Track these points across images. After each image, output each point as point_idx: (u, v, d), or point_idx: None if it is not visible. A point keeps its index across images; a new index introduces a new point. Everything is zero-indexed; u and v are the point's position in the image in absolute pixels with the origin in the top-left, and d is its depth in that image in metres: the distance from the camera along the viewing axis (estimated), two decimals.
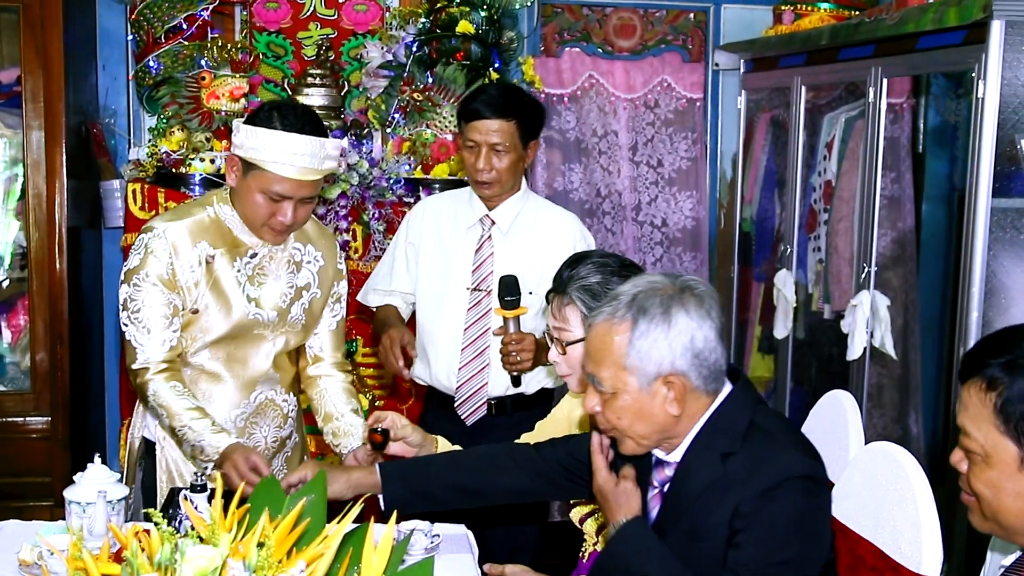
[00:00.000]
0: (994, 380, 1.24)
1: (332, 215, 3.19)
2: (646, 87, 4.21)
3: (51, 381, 2.99)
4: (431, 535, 1.93)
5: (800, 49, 3.34)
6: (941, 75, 2.98)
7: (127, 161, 3.36)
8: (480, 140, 2.44)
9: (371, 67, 3.41)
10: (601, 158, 4.21)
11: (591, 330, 1.64)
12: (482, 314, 2.52)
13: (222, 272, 2.15)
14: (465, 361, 2.52)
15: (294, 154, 2.04)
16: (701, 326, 1.57)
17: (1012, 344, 1.24)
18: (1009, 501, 1.24)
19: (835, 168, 3.25)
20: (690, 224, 4.26)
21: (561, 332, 1.95)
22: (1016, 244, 2.44)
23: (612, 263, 1.95)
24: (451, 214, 2.60)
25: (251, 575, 1.31)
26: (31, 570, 1.75)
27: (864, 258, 2.97)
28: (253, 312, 2.19)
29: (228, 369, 2.21)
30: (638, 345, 1.56)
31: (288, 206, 2.09)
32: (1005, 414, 1.22)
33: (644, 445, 1.63)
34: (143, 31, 3.24)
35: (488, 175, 2.46)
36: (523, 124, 2.46)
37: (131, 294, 2.11)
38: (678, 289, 1.60)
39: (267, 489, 1.61)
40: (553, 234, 2.54)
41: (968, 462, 1.28)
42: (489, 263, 2.52)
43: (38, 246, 3.00)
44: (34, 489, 2.91)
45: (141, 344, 2.10)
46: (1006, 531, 1.28)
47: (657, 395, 1.58)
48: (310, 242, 2.29)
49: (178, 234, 2.12)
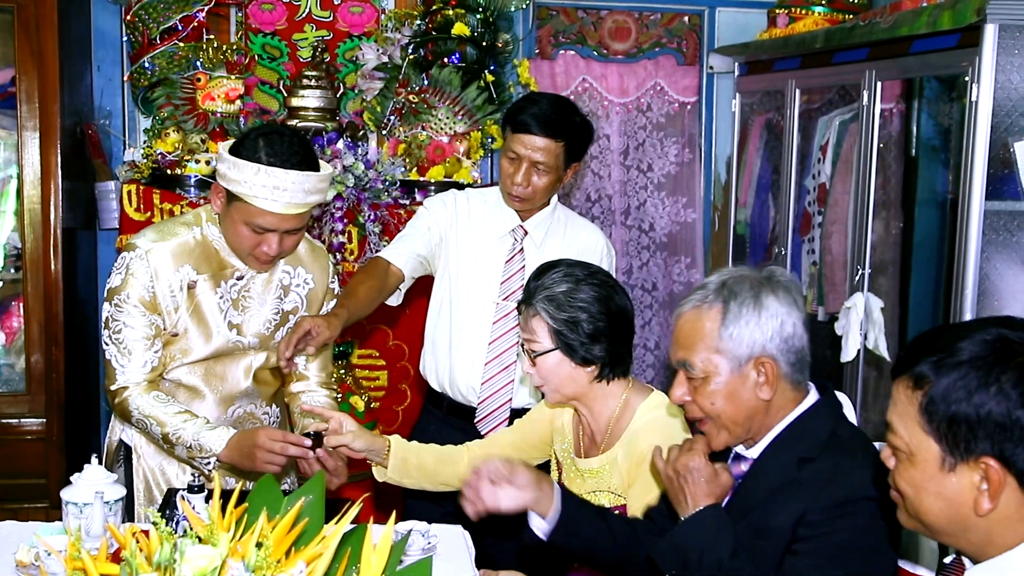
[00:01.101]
0: (921, 378, 1.22)
1: (328, 217, 3.20)
2: (639, 91, 4.23)
3: (46, 383, 2.98)
4: (428, 535, 1.93)
5: (794, 52, 3.36)
6: (934, 79, 3.00)
7: (122, 162, 3.36)
8: (523, 154, 2.35)
9: (366, 69, 3.42)
10: (592, 162, 4.24)
11: (679, 319, 1.67)
12: (509, 328, 2.42)
13: (204, 298, 2.11)
14: (489, 376, 2.44)
15: (279, 189, 1.97)
16: (790, 312, 1.61)
17: (943, 343, 1.22)
18: (930, 501, 1.22)
19: (829, 171, 3.27)
20: (678, 228, 4.29)
21: (530, 343, 1.95)
22: (1008, 247, 2.45)
23: (579, 272, 1.95)
24: (482, 217, 2.49)
25: (250, 575, 1.31)
26: (28, 571, 1.75)
27: (858, 260, 2.99)
28: (233, 339, 2.16)
29: (206, 384, 2.19)
30: (730, 328, 1.60)
31: (273, 238, 2.04)
32: (928, 413, 1.20)
33: (735, 434, 1.65)
34: (138, 32, 3.24)
35: (524, 191, 2.37)
36: (570, 146, 2.37)
37: (113, 314, 2.09)
38: (765, 277, 1.64)
39: (265, 489, 1.61)
40: (582, 247, 2.49)
41: (895, 459, 1.27)
42: (520, 276, 2.42)
43: (33, 247, 3.00)
44: (29, 491, 2.90)
45: (121, 366, 2.09)
46: (929, 530, 1.27)
47: (748, 378, 1.61)
48: (301, 264, 2.23)
49: (161, 256, 2.08)
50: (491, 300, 2.43)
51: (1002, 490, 1.16)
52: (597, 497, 1.98)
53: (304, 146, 2.06)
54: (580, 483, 2.04)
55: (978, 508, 1.18)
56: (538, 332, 1.94)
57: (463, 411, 2.48)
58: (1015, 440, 1.15)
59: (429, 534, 1.94)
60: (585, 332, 1.91)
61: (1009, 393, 1.15)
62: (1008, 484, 1.16)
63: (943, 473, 1.20)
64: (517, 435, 2.21)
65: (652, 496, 1.87)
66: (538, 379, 1.98)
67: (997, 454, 1.16)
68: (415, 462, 2.14)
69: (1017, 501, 1.17)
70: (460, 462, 2.17)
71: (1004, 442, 1.15)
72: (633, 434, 1.95)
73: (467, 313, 2.45)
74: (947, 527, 1.23)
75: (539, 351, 1.94)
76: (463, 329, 2.46)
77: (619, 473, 1.95)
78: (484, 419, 2.46)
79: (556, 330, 1.92)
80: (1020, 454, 1.15)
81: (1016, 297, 2.47)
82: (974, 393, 1.17)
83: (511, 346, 2.43)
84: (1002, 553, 1.19)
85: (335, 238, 3.18)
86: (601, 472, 1.99)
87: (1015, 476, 1.16)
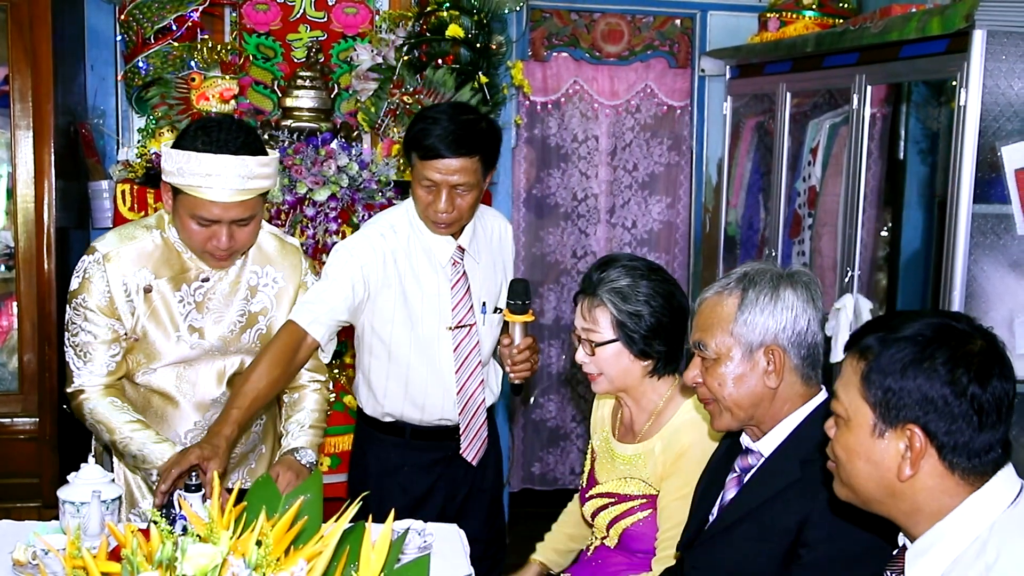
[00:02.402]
0: (866, 350, 1.33)
1: (322, 217, 3.21)
2: (629, 93, 4.27)
3: (39, 382, 2.97)
4: (424, 534, 1.95)
5: (785, 56, 3.39)
6: (924, 83, 3.03)
7: (116, 162, 3.36)
8: (440, 180, 2.17)
9: (361, 70, 3.43)
10: (580, 163, 4.30)
11: (701, 303, 1.75)
12: (471, 350, 2.35)
13: (161, 303, 2.10)
14: (463, 404, 2.36)
15: (214, 175, 1.94)
16: (806, 308, 1.68)
17: (893, 322, 1.34)
18: (860, 465, 1.33)
19: (819, 173, 3.30)
20: (660, 226, 4.37)
21: (590, 333, 2.00)
22: (996, 249, 2.48)
23: (640, 266, 2.01)
24: (417, 251, 2.30)
25: (252, 572, 1.32)
26: (26, 569, 1.75)
27: (848, 262, 3.02)
28: (194, 343, 2.13)
29: (178, 390, 2.17)
30: (745, 314, 1.67)
31: (222, 230, 2.01)
32: (868, 382, 1.31)
33: (738, 417, 1.71)
34: (132, 32, 3.24)
35: (450, 216, 2.22)
36: (486, 157, 2.22)
37: (71, 318, 2.10)
38: (787, 272, 1.72)
39: (263, 488, 1.62)
40: (497, 238, 2.45)
41: (835, 428, 1.37)
42: (468, 297, 2.34)
43: (26, 247, 2.99)
44: (22, 490, 2.89)
45: (78, 368, 2.09)
46: (860, 497, 1.36)
47: (757, 365, 1.68)
48: (269, 263, 2.19)
49: (118, 261, 2.07)
50: (444, 329, 2.32)
51: (922, 457, 1.28)
52: (627, 484, 2.04)
53: (245, 132, 2.03)
54: (611, 468, 2.08)
55: (900, 473, 1.29)
56: (600, 322, 1.99)
57: (431, 432, 2.39)
58: (938, 413, 1.26)
59: (425, 532, 1.95)
60: (647, 325, 1.97)
61: (939, 371, 1.27)
62: (929, 454, 1.28)
63: (873, 438, 1.31)
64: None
65: (688, 490, 1.91)
66: (593, 368, 2.03)
67: (922, 424, 1.27)
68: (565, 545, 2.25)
69: (938, 473, 1.28)
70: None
71: (928, 414, 1.27)
72: (675, 429, 2.00)
73: (423, 348, 2.32)
74: (875, 493, 1.33)
75: (599, 341, 1.99)
76: (425, 366, 2.32)
77: (654, 464, 2.00)
78: (467, 448, 2.40)
79: (619, 321, 1.98)
80: (942, 427, 1.27)
81: (1002, 299, 2.50)
82: (908, 367, 1.28)
83: (476, 367, 2.36)
84: (931, 525, 1.29)
85: (329, 238, 3.19)
86: (635, 460, 2.04)
87: (936, 448, 1.27)
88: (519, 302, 2.26)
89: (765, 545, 1.64)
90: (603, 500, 2.07)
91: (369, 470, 2.41)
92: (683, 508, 1.91)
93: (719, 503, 1.77)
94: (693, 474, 1.91)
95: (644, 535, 2.01)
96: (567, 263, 4.41)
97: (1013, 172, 2.44)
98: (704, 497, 1.82)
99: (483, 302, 2.39)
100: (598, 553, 2.09)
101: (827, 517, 1.57)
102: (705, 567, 1.72)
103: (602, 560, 2.08)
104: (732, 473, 1.78)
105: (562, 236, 4.38)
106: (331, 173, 3.17)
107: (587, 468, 2.18)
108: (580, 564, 2.14)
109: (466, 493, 2.45)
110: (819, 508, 1.58)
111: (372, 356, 2.36)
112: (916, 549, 1.31)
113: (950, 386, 1.26)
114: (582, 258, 4.41)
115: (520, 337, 2.28)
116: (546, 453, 4.49)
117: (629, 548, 2.03)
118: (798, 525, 1.60)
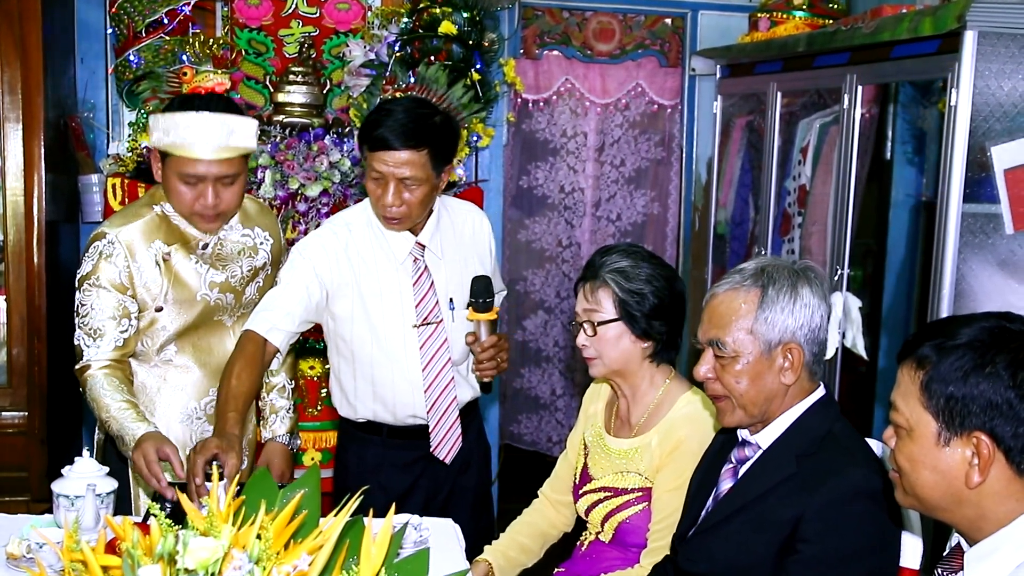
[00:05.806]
0: (923, 359, 1.32)
1: (314, 213, 3.20)
2: (620, 91, 4.30)
3: (28, 376, 2.96)
4: (420, 528, 1.95)
5: (776, 55, 3.40)
6: (914, 83, 3.06)
7: (106, 155, 3.34)
8: (387, 172, 2.13)
9: (353, 66, 3.42)
10: (568, 157, 4.38)
11: (712, 299, 1.74)
12: (438, 347, 2.29)
13: (181, 266, 2.20)
14: (432, 402, 2.31)
15: (199, 132, 2.06)
16: (820, 306, 1.69)
17: (947, 329, 1.33)
18: (926, 475, 1.31)
19: (809, 173, 3.32)
20: (643, 219, 4.48)
21: (592, 313, 2.04)
22: (985, 248, 2.51)
23: (641, 250, 2.07)
24: (373, 249, 2.27)
25: (253, 565, 1.32)
26: (20, 563, 1.74)
27: (837, 260, 3.04)
28: (215, 297, 2.25)
29: (196, 359, 2.26)
30: (766, 312, 1.67)
31: (208, 188, 2.12)
32: (929, 391, 1.30)
33: (751, 414, 1.72)
34: (123, 25, 3.23)
35: (399, 210, 2.17)
36: (436, 151, 2.15)
37: (81, 300, 2.15)
38: (801, 268, 1.72)
39: (260, 481, 1.62)
40: (470, 232, 2.40)
41: (896, 438, 1.36)
42: (432, 294, 2.29)
43: (15, 240, 2.97)
44: (10, 484, 2.88)
45: (87, 347, 2.14)
46: (924, 506, 1.35)
47: (775, 363, 1.68)
48: (256, 224, 2.35)
49: (132, 237, 2.16)
50: (409, 327, 2.27)
51: (991, 464, 1.26)
52: (624, 478, 2.05)
53: (225, 101, 2.18)
54: (607, 463, 2.10)
55: (968, 481, 1.27)
56: (603, 302, 2.03)
57: (407, 432, 2.36)
58: (1004, 417, 1.25)
59: (421, 527, 1.96)
60: (650, 304, 2.01)
61: (1001, 375, 1.26)
62: (997, 460, 1.26)
63: (938, 447, 1.30)
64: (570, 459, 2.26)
65: (681, 481, 1.93)
66: (592, 351, 2.06)
67: (988, 430, 1.26)
68: (516, 555, 2.21)
69: (1006, 477, 1.26)
70: (545, 511, 2.26)
71: (994, 419, 1.26)
72: (671, 422, 2.03)
73: (387, 347, 2.28)
74: (941, 501, 1.31)
75: (600, 320, 2.03)
76: (390, 364, 2.29)
77: (650, 457, 2.03)
78: (439, 446, 2.34)
79: (622, 300, 2.01)
80: (1008, 431, 1.25)
81: (991, 298, 2.53)
82: (970, 374, 1.27)
83: (445, 364, 2.30)
84: (996, 530, 1.27)
85: None
86: (631, 454, 2.06)
87: (1003, 452, 1.26)
88: (480, 300, 2.22)
89: (760, 537, 1.65)
90: (599, 495, 2.08)
91: (350, 469, 2.40)
92: (675, 500, 1.93)
93: (714, 495, 1.79)
94: (687, 466, 1.93)
95: (639, 528, 2.02)
96: (552, 251, 4.58)
97: (1002, 172, 2.47)
98: (699, 489, 1.83)
99: (450, 299, 2.32)
100: (592, 547, 2.10)
101: (823, 514, 1.58)
102: (700, 559, 1.74)
103: (596, 554, 2.09)
104: (728, 464, 1.79)
105: (548, 225, 4.53)
106: (323, 169, 3.17)
107: (579, 464, 2.18)
108: (574, 559, 2.14)
109: (448, 491, 2.41)
110: (815, 504, 1.59)
111: (339, 356, 2.34)
112: (978, 552, 1.29)
113: (1014, 389, 1.25)
114: (567, 247, 4.56)
115: (486, 334, 2.24)
116: (525, 418, 4.67)
117: (624, 542, 2.05)
118: (793, 519, 1.61)
